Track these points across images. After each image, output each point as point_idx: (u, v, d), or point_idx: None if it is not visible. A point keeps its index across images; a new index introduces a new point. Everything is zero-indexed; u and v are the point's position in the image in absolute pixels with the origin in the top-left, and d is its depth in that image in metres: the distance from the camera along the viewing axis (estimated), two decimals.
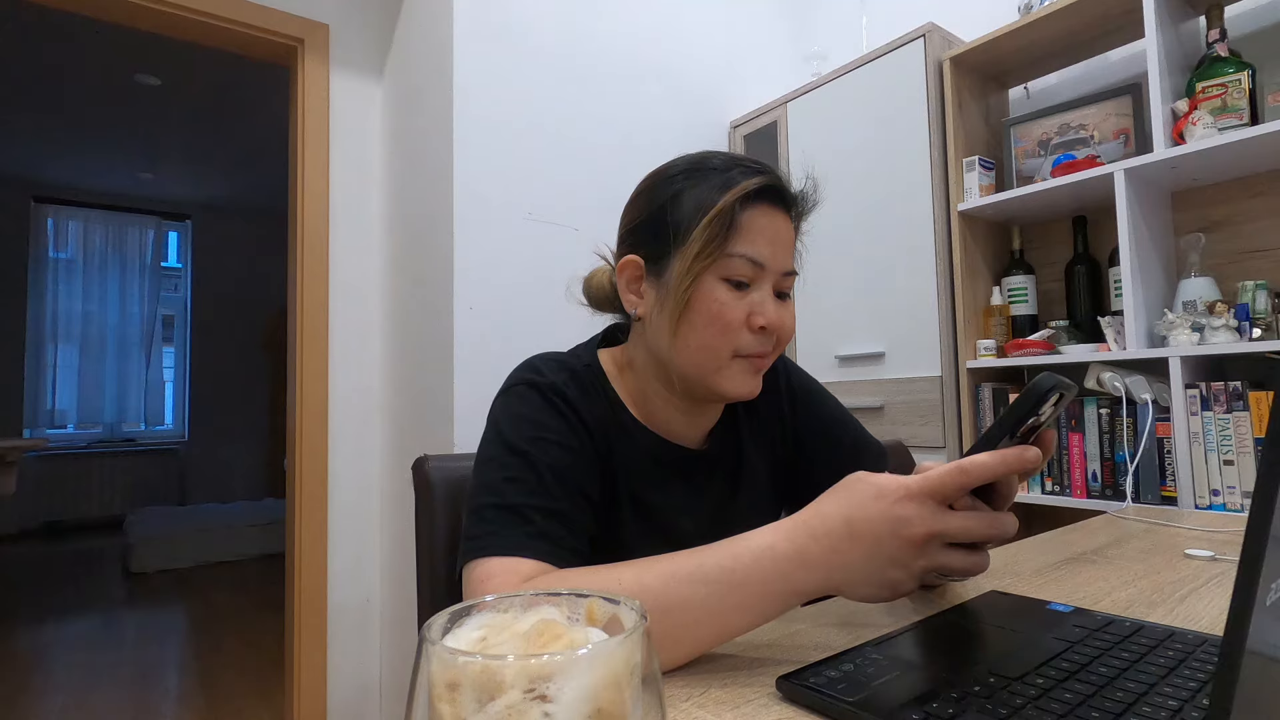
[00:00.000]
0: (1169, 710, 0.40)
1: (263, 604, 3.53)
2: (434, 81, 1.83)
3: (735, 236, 0.63)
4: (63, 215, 5.57)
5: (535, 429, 0.64)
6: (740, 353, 0.65)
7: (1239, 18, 1.51)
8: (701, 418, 0.74)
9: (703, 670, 0.50)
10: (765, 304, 0.64)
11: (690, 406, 0.72)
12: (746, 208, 0.64)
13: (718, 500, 0.75)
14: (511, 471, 0.61)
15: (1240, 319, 1.32)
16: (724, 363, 0.65)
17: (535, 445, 0.63)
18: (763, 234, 0.64)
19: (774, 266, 0.65)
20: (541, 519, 0.59)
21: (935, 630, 0.54)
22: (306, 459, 2.06)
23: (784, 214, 0.67)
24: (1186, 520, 1.04)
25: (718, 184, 0.64)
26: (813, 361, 1.98)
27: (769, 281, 0.65)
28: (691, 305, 0.64)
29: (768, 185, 0.65)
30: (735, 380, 0.66)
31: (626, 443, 0.70)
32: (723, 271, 0.63)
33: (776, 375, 0.82)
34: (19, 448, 2.29)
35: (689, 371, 0.66)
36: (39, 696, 2.43)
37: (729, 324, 0.63)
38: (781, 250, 0.66)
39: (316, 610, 2.04)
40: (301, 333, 2.09)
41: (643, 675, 0.25)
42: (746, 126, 2.23)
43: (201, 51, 3.44)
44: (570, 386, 0.68)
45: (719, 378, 0.65)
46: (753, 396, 0.67)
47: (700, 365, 0.65)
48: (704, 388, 0.67)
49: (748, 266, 0.64)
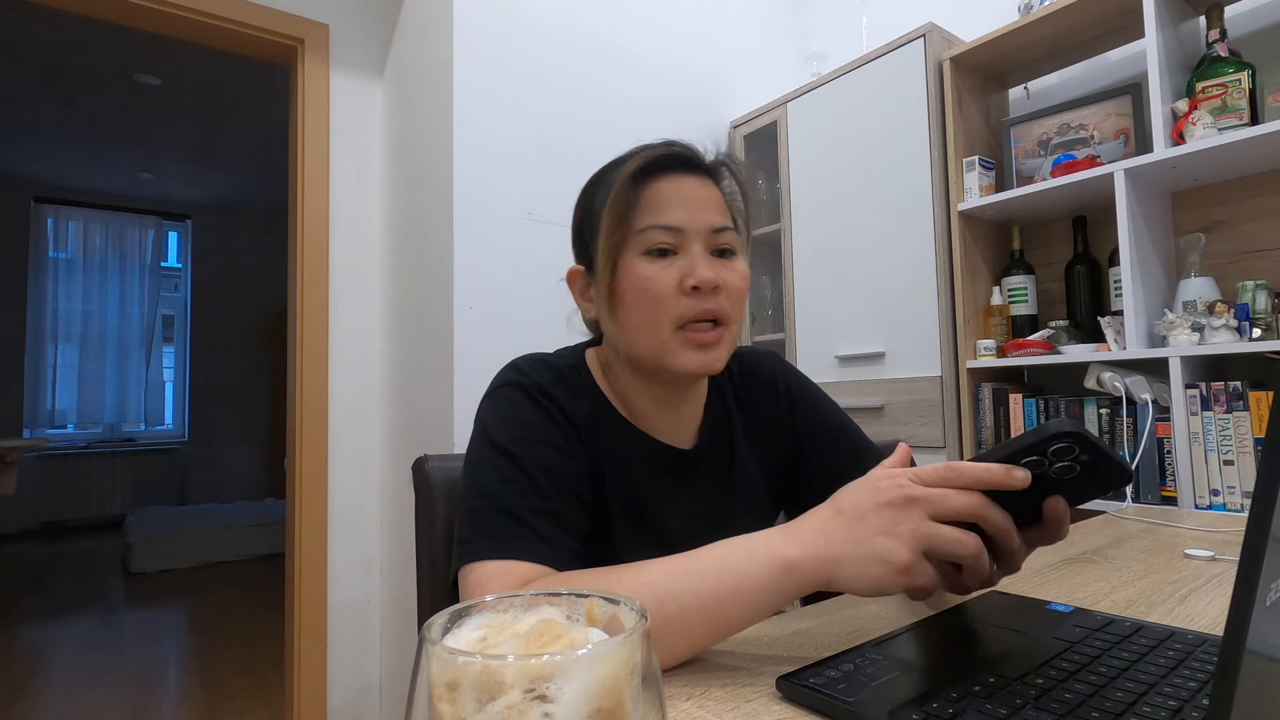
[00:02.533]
0: (1169, 710, 0.40)
1: (263, 604, 3.53)
2: (434, 81, 1.83)
3: (640, 211, 0.65)
4: (63, 215, 5.57)
5: (523, 429, 0.64)
6: (681, 322, 0.64)
7: (1239, 18, 1.51)
8: (681, 410, 0.73)
9: (703, 670, 0.50)
10: (695, 264, 0.64)
11: (666, 397, 0.71)
12: (646, 183, 0.65)
13: (710, 501, 0.74)
14: (503, 473, 0.61)
15: (1240, 319, 1.32)
16: (667, 337, 0.64)
17: (524, 446, 0.62)
18: (671, 200, 0.65)
19: (695, 226, 0.65)
20: (535, 520, 0.59)
21: (935, 630, 0.54)
22: (306, 459, 2.06)
23: (695, 177, 0.67)
24: (1186, 520, 1.04)
25: (617, 173, 0.66)
26: (813, 361, 1.99)
27: (697, 243, 0.65)
28: (620, 289, 0.65)
29: (662, 156, 0.66)
30: (681, 356, 0.64)
31: (614, 441, 0.70)
32: (640, 247, 0.64)
33: (775, 380, 0.81)
34: (19, 448, 2.29)
35: (641, 355, 0.66)
36: (39, 696, 2.43)
37: (658, 295, 0.63)
38: (701, 210, 0.65)
39: (316, 610, 2.04)
40: (301, 333, 2.09)
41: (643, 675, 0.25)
42: (746, 126, 2.23)
43: (201, 51, 3.44)
44: (556, 386, 0.68)
45: (666, 355, 0.64)
46: (711, 370, 0.66)
47: (647, 345, 0.65)
48: (659, 368, 0.66)
49: (664, 234, 0.64)
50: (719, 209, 0.67)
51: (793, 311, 2.05)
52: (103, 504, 5.62)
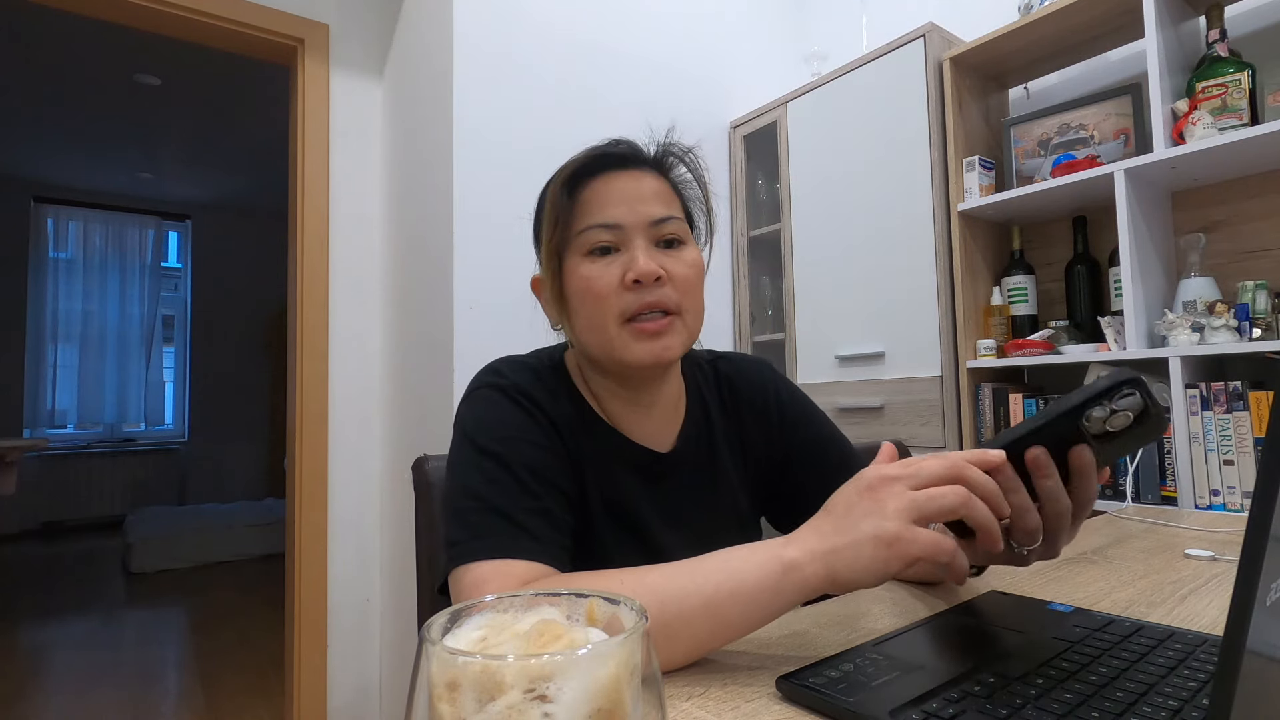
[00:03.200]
0: (1169, 710, 0.40)
1: (263, 604, 3.53)
2: (434, 81, 1.83)
3: (576, 214, 0.65)
4: (63, 215, 5.57)
5: (505, 430, 0.64)
6: (625, 316, 0.64)
7: (1239, 18, 1.51)
8: (653, 412, 0.72)
9: (703, 670, 0.50)
10: (635, 258, 0.63)
11: (634, 396, 0.71)
12: (580, 186, 0.66)
13: (690, 506, 0.73)
14: (488, 474, 0.61)
15: (1240, 319, 1.32)
16: (614, 333, 0.64)
17: (508, 446, 0.62)
18: (607, 199, 0.65)
19: (634, 221, 0.65)
20: (527, 519, 0.59)
21: (935, 630, 0.54)
22: (306, 459, 2.06)
23: (633, 172, 0.67)
24: (1186, 520, 1.04)
25: (553, 180, 0.68)
26: (813, 361, 1.99)
27: (638, 237, 0.65)
28: (567, 291, 0.66)
29: (591, 157, 0.67)
30: (630, 348, 0.64)
31: (593, 441, 0.69)
32: (581, 249, 0.65)
33: (766, 389, 0.80)
34: (19, 448, 2.29)
35: (595, 353, 0.67)
36: (39, 696, 2.43)
37: (599, 293, 0.64)
38: (641, 204, 0.65)
39: (316, 610, 2.04)
40: (301, 333, 2.09)
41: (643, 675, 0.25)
42: (746, 126, 2.23)
43: (201, 51, 3.44)
44: (535, 387, 0.68)
45: (615, 349, 0.64)
46: (663, 361, 0.65)
47: (598, 343, 0.65)
48: (613, 364, 0.66)
49: (603, 232, 0.64)
50: (662, 200, 0.67)
51: (793, 311, 2.05)
52: (103, 504, 5.61)
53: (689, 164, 0.72)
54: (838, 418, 1.90)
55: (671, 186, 0.70)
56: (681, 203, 0.70)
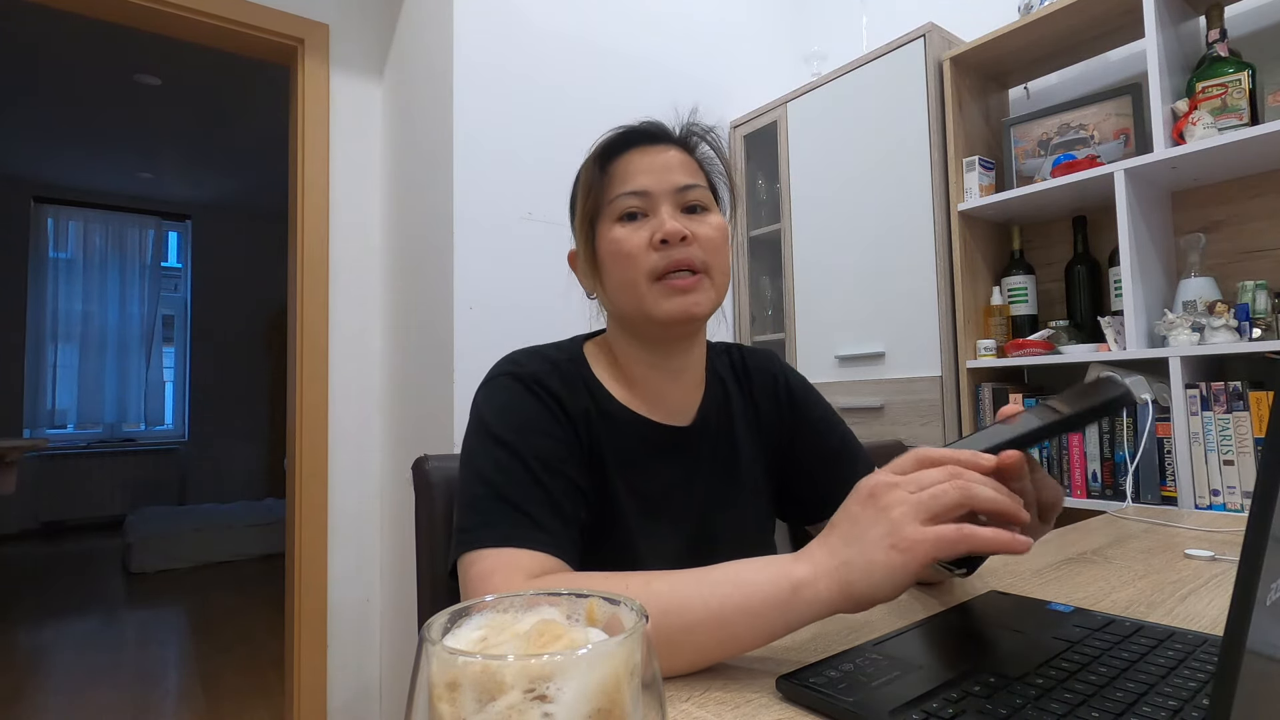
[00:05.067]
0: (1169, 710, 0.40)
1: (263, 604, 3.53)
2: (434, 81, 1.83)
3: (608, 184, 0.71)
4: (63, 215, 5.57)
5: (520, 419, 0.65)
6: (655, 274, 0.68)
7: (1239, 18, 1.51)
8: (681, 378, 0.75)
9: (703, 670, 0.50)
10: (662, 220, 0.68)
11: (663, 361, 0.73)
12: (611, 160, 0.72)
13: (715, 478, 0.75)
14: (501, 463, 0.62)
15: (1240, 319, 1.32)
16: (645, 290, 0.68)
17: (521, 436, 0.64)
18: (636, 170, 0.70)
19: (661, 188, 0.69)
20: (536, 510, 0.60)
21: (935, 630, 0.54)
22: (306, 459, 2.06)
23: (660, 147, 0.72)
24: (1186, 520, 1.04)
25: (588, 157, 0.73)
26: (813, 361, 1.99)
27: (665, 203, 0.69)
28: (600, 255, 0.71)
29: (621, 134, 0.72)
30: (660, 304, 0.68)
31: (612, 429, 0.71)
32: (613, 215, 0.70)
33: (775, 375, 0.83)
34: (19, 448, 2.29)
35: (628, 311, 0.70)
36: (39, 696, 2.43)
37: (631, 253, 0.68)
38: (667, 174, 0.70)
39: (316, 610, 2.04)
40: (301, 333, 2.09)
41: (643, 675, 0.25)
42: (746, 126, 2.23)
43: (201, 51, 3.44)
44: (551, 377, 0.69)
45: (646, 305, 0.68)
46: (693, 316, 0.68)
47: (631, 300, 0.69)
48: (644, 321, 0.70)
49: (633, 199, 0.69)
50: (687, 171, 0.72)
51: (793, 311, 2.05)
52: (103, 504, 5.61)
53: (710, 141, 0.76)
54: None
55: (696, 160, 0.74)
56: (705, 175, 0.75)
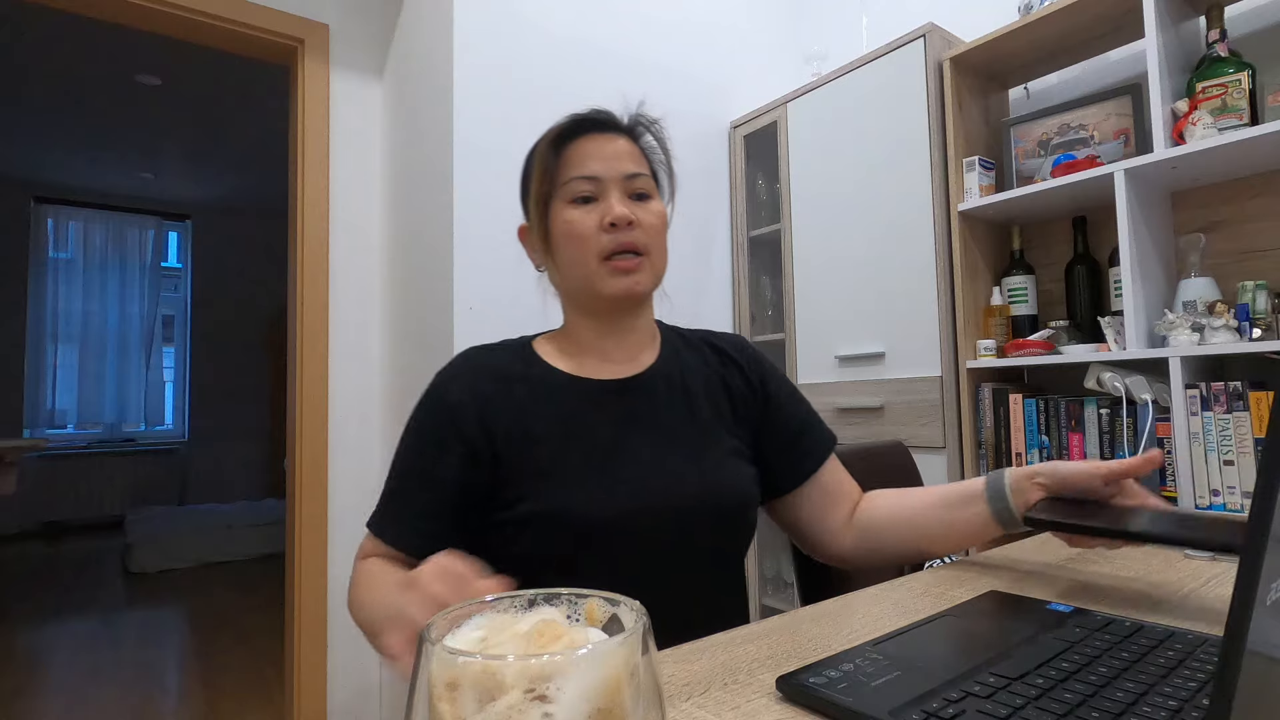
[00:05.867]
0: (1169, 710, 0.40)
1: (263, 604, 3.53)
2: (434, 81, 1.83)
3: (562, 167, 0.76)
4: (63, 215, 5.57)
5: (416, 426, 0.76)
6: (604, 254, 0.74)
7: (1239, 18, 1.51)
8: (627, 337, 0.80)
9: (703, 670, 0.50)
10: (611, 205, 0.74)
11: (611, 328, 0.80)
12: (565, 144, 0.77)
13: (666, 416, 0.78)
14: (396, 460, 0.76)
15: (1240, 319, 1.32)
16: (594, 269, 0.75)
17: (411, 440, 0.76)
18: (587, 156, 0.76)
19: (610, 174, 0.75)
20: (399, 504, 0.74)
21: (935, 630, 0.54)
22: (306, 459, 2.06)
23: (610, 135, 0.78)
24: None
25: (543, 140, 0.79)
26: (813, 361, 1.99)
27: (614, 189, 0.75)
28: (552, 233, 0.77)
29: (576, 120, 0.78)
30: (607, 282, 0.75)
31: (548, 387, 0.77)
32: (566, 197, 0.76)
33: (745, 349, 0.89)
34: (19, 448, 2.29)
35: (576, 286, 0.77)
36: (39, 696, 2.43)
37: (582, 234, 0.75)
38: (616, 161, 0.76)
39: (316, 610, 2.04)
40: (301, 333, 2.09)
41: (643, 675, 0.25)
42: (746, 126, 2.23)
43: (201, 51, 3.44)
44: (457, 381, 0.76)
45: (595, 282, 0.75)
46: (635, 294, 0.75)
47: (579, 277, 0.76)
48: (591, 296, 0.77)
49: (584, 184, 0.75)
50: (633, 159, 0.78)
51: (793, 311, 2.05)
52: (103, 504, 5.61)
53: (654, 132, 0.83)
54: (838, 418, 1.90)
55: (640, 150, 0.81)
56: (649, 164, 0.81)
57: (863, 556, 0.83)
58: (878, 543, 0.81)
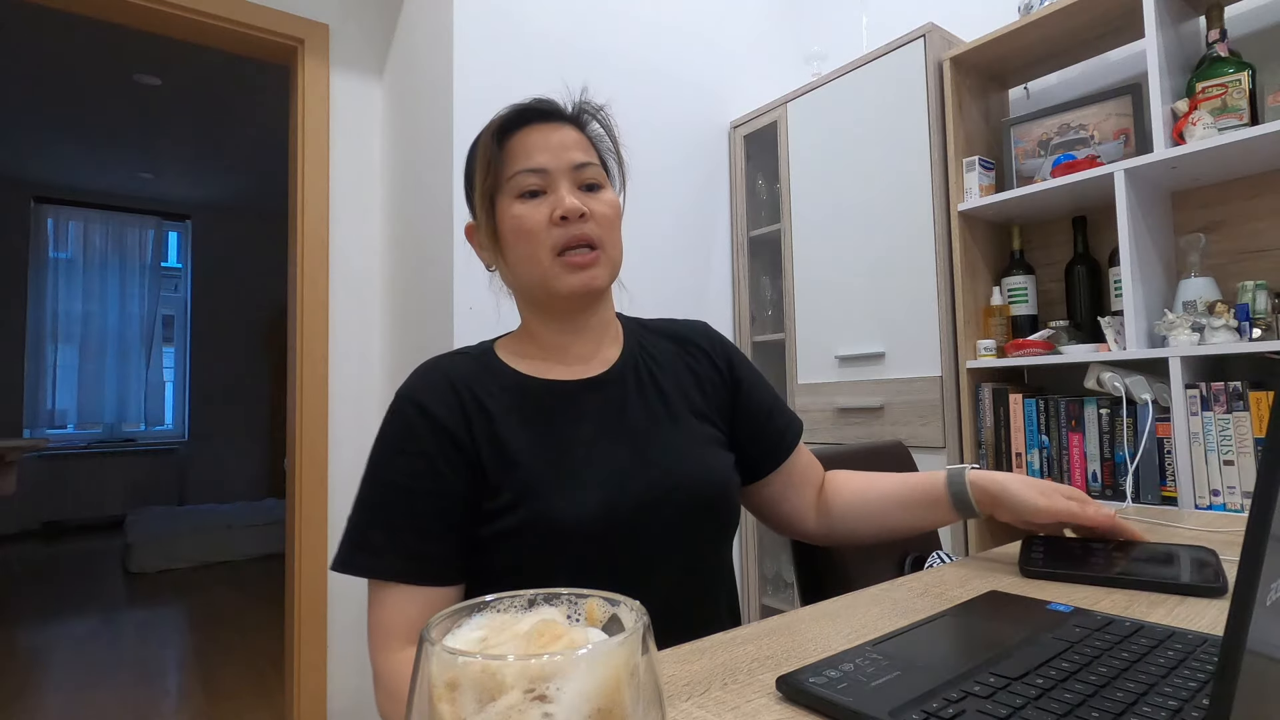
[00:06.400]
0: (1169, 710, 0.40)
1: (263, 604, 3.53)
2: (434, 81, 1.83)
3: (506, 161, 0.73)
4: (63, 215, 5.57)
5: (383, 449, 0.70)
6: (557, 249, 0.71)
7: (1239, 18, 1.51)
8: (585, 334, 0.78)
9: (703, 670, 0.50)
10: (561, 198, 0.71)
11: (569, 324, 0.77)
12: (508, 136, 0.74)
13: (635, 410, 0.76)
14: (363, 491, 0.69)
15: (1240, 319, 1.32)
16: (547, 265, 0.71)
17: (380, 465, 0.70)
18: (533, 148, 0.72)
19: (558, 166, 0.72)
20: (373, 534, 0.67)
21: (935, 630, 0.54)
22: (306, 459, 2.06)
23: (556, 125, 0.74)
24: (1186, 520, 1.04)
25: (484, 132, 0.75)
26: (813, 361, 1.99)
27: (563, 180, 0.72)
28: (501, 230, 0.73)
29: (517, 111, 0.74)
30: (562, 278, 0.72)
31: (511, 392, 0.73)
32: (513, 192, 0.72)
33: (712, 340, 0.87)
34: (19, 448, 2.28)
35: (529, 284, 0.74)
36: (39, 696, 2.43)
37: (532, 230, 0.71)
38: (563, 151, 0.73)
39: (316, 610, 2.04)
40: (301, 333, 2.09)
41: (643, 675, 0.25)
42: (746, 126, 2.23)
43: (201, 51, 3.44)
44: (426, 391, 0.72)
45: (549, 280, 0.72)
46: (592, 289, 0.72)
47: (533, 274, 0.72)
48: (547, 294, 0.73)
49: (530, 177, 0.72)
50: (582, 148, 0.75)
51: (793, 311, 2.05)
52: (103, 504, 5.61)
53: (600, 120, 0.80)
54: (838, 417, 1.90)
55: (588, 138, 0.78)
56: (598, 153, 0.78)
57: (825, 536, 0.87)
58: (844, 527, 0.86)
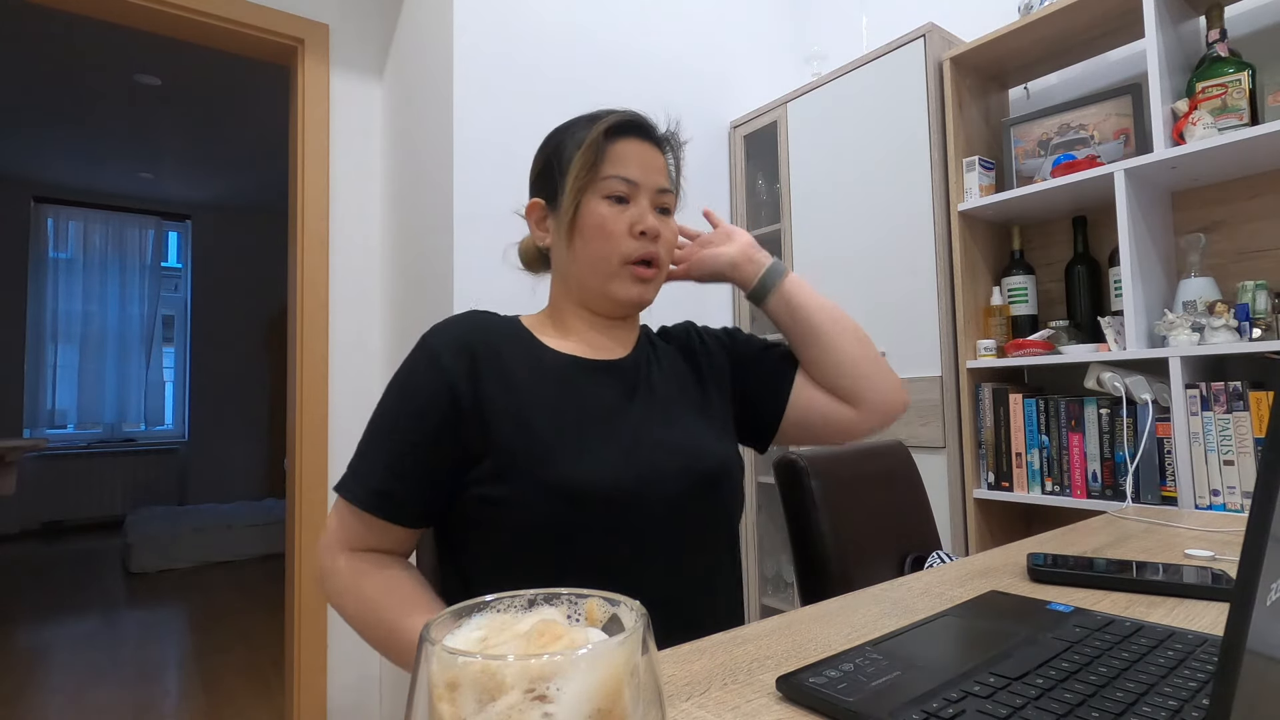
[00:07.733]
0: (1169, 710, 0.40)
1: (263, 604, 3.53)
2: (434, 80, 1.83)
3: (606, 162, 0.76)
4: (63, 215, 5.57)
5: (399, 387, 0.73)
6: (627, 259, 0.76)
7: (1239, 18, 1.51)
8: (614, 330, 0.82)
9: (703, 670, 0.50)
10: (644, 215, 0.77)
11: (600, 323, 0.81)
12: (613, 140, 0.77)
13: (654, 400, 0.79)
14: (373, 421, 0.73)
15: (1240, 319, 1.32)
16: (615, 270, 0.76)
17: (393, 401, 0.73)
18: (630, 159, 0.77)
19: (647, 184, 0.77)
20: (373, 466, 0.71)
21: (935, 630, 0.54)
22: (306, 459, 2.06)
23: (650, 145, 0.79)
24: (1186, 520, 1.04)
25: (589, 126, 0.78)
26: None
27: (646, 198, 0.77)
28: (580, 223, 0.76)
29: (628, 120, 0.78)
30: (625, 286, 0.77)
31: (535, 364, 0.75)
32: (602, 191, 0.76)
33: (704, 329, 0.94)
34: (19, 448, 2.28)
35: (588, 281, 0.78)
36: (39, 696, 2.43)
37: (612, 233, 0.75)
38: (653, 172, 0.78)
39: (316, 610, 2.04)
40: (301, 333, 2.09)
41: (643, 675, 0.25)
42: (746, 126, 2.23)
43: (201, 51, 3.44)
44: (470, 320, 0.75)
45: (611, 284, 0.77)
46: (644, 302, 0.79)
47: (595, 273, 0.77)
48: (600, 295, 0.78)
49: (622, 184, 0.76)
50: (665, 174, 0.81)
51: None
52: (103, 504, 5.61)
53: (677, 154, 0.86)
54: None
55: (670, 166, 0.83)
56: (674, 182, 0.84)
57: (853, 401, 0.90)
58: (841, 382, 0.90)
